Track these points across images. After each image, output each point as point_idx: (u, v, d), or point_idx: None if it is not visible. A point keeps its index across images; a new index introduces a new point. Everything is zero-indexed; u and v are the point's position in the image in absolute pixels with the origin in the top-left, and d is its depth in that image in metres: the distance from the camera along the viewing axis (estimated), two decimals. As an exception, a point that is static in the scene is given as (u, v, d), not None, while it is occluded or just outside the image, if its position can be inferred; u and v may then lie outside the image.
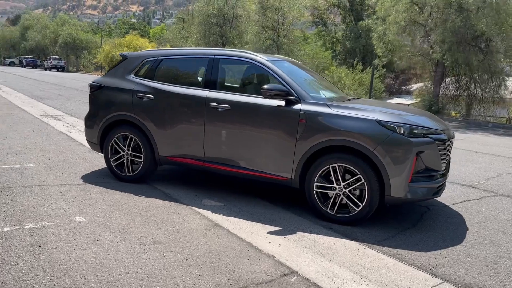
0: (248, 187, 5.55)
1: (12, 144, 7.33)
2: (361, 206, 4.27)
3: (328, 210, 4.41)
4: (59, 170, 5.80)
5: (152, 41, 37.69)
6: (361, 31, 31.41)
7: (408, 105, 19.71)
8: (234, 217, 4.42)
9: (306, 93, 4.59)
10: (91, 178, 5.56)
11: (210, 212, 4.52)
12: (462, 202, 5.46)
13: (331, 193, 4.39)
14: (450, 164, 5.32)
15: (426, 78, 20.95)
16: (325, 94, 5.36)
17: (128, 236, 3.75)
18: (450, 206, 5.25)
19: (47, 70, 54.83)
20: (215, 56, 5.11)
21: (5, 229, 3.72)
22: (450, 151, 4.71)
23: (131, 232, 3.84)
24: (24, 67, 61.93)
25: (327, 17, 37.51)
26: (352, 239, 4.02)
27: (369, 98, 21.85)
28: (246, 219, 4.37)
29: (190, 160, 5.11)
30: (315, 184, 4.44)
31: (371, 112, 4.35)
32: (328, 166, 4.36)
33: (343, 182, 4.33)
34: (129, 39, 44.22)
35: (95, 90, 5.68)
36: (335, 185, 4.36)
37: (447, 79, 19.43)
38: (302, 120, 4.47)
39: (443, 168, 4.47)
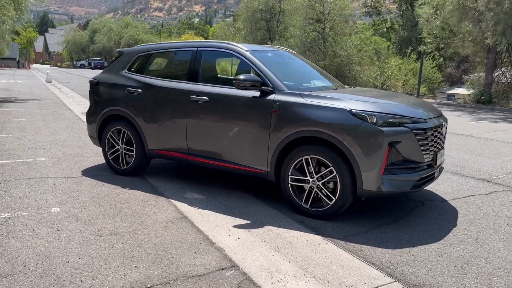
0: (237, 181, 5.49)
1: (38, 139, 7.81)
2: (334, 199, 4.07)
3: (302, 204, 4.25)
4: (65, 164, 6.09)
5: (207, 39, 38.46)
6: (418, 19, 29.93)
7: (454, 96, 18.54)
8: (209, 210, 4.39)
9: (281, 83, 4.43)
10: (91, 171, 5.78)
11: (186, 205, 4.53)
12: (465, 197, 5.02)
13: (306, 186, 4.22)
14: (475, 156, 4.91)
15: (479, 65, 19.48)
16: (316, 83, 5.18)
17: (90, 227, 3.85)
18: (449, 201, 4.85)
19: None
20: (198, 49, 5.09)
21: (-18, 218, 3.97)
22: (440, 140, 4.35)
23: (96, 223, 3.94)
24: (93, 69, 66.05)
25: (381, 5, 36.20)
26: (318, 234, 3.84)
27: (418, 88, 20.77)
28: (219, 212, 4.32)
29: (176, 153, 5.15)
30: (289, 176, 4.29)
31: (345, 101, 4.11)
32: (301, 158, 4.20)
33: (316, 174, 4.14)
34: (184, 38, 45.45)
35: (94, 86, 5.88)
36: (308, 177, 4.19)
37: (502, 68, 17.94)
38: (274, 110, 4.34)
39: (427, 159, 4.13)
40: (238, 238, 3.71)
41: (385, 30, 35.27)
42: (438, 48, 21.58)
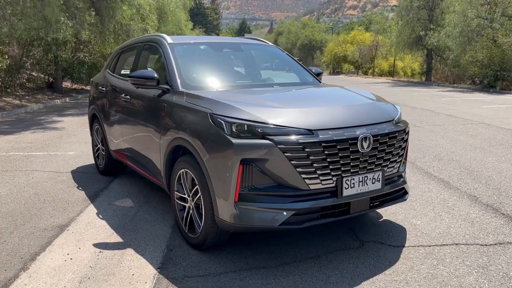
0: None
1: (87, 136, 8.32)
2: (201, 226, 3.23)
3: (184, 226, 3.51)
4: (81, 160, 6.41)
5: (381, 34, 36.19)
6: None
7: None
8: (102, 218, 4.02)
9: (178, 81, 3.72)
10: (91, 168, 5.93)
11: (90, 208, 4.24)
12: (455, 244, 3.42)
13: (186, 206, 3.48)
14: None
15: None
16: (275, 80, 4.30)
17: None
18: (405, 248, 3.36)
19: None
20: (141, 43, 4.70)
21: None
22: (357, 161, 3.03)
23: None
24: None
25: None
26: (161, 268, 3.09)
27: None
28: (107, 227, 3.91)
29: (121, 155, 4.88)
30: (175, 192, 3.60)
31: (218, 102, 3.19)
32: (179, 172, 3.47)
33: (191, 193, 3.37)
34: (353, 34, 43.93)
35: (91, 84, 6.04)
36: (186, 196, 3.43)
37: None
38: (162, 113, 3.69)
39: (317, 186, 2.91)
40: (68, 257, 3.26)
41: None
42: None
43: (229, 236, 3.30)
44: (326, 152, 2.88)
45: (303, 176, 2.86)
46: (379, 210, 4.15)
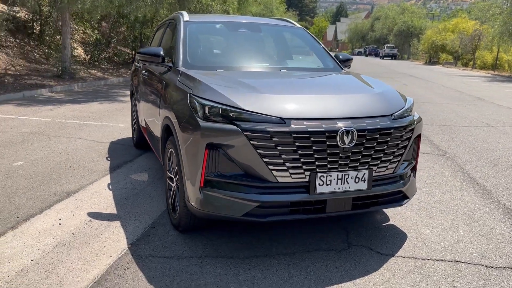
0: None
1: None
2: (178, 208, 3.21)
3: (170, 206, 3.50)
4: (126, 132, 6.71)
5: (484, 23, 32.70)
6: None
7: None
8: (110, 189, 4.16)
9: (181, 60, 3.68)
10: (130, 141, 6.21)
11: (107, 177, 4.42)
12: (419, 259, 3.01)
13: (172, 186, 3.46)
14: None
15: None
16: (297, 64, 4.12)
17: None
18: (403, 259, 3.01)
19: (381, 58, 57.98)
20: (168, 21, 4.76)
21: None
22: (337, 156, 2.76)
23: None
24: (367, 56, 67.83)
25: None
26: (132, 246, 3.13)
27: None
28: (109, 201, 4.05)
29: (144, 130, 5.00)
30: (166, 171, 3.60)
31: (202, 82, 3.09)
32: (168, 151, 3.45)
33: (174, 172, 3.34)
34: (456, 22, 40.44)
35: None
36: (173, 175, 3.42)
37: None
38: (162, 91, 3.69)
39: (287, 179, 2.71)
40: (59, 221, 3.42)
41: None
42: None
43: (207, 222, 3.24)
44: (297, 143, 2.66)
45: (270, 167, 2.67)
46: (388, 213, 3.79)
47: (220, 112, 2.76)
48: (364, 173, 2.84)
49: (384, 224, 3.59)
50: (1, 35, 12.99)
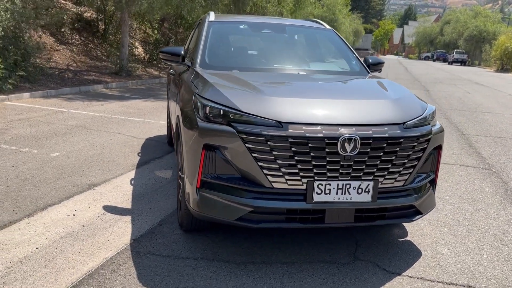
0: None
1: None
2: (182, 207, 3.21)
3: (178, 204, 3.51)
4: (165, 130, 6.86)
5: None
6: None
7: None
8: (132, 184, 4.26)
9: (199, 59, 3.69)
10: (165, 138, 6.37)
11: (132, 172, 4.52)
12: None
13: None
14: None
15: None
16: (314, 66, 4.00)
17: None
18: (410, 279, 2.80)
19: (449, 63, 55.16)
20: (198, 21, 4.77)
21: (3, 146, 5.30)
22: (338, 164, 2.61)
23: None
24: (434, 61, 64.85)
25: None
26: (134, 242, 3.17)
27: None
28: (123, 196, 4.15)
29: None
30: (178, 170, 3.60)
31: (210, 82, 3.06)
32: (179, 151, 3.46)
33: (182, 172, 3.34)
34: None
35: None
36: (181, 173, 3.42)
37: None
38: (179, 90, 3.71)
39: (282, 185, 2.60)
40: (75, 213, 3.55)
41: None
42: None
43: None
44: (294, 149, 2.55)
45: (265, 172, 2.58)
46: (408, 228, 3.55)
47: (220, 113, 2.71)
48: (368, 184, 2.67)
49: (400, 240, 3.37)
50: (67, 32, 13.83)
